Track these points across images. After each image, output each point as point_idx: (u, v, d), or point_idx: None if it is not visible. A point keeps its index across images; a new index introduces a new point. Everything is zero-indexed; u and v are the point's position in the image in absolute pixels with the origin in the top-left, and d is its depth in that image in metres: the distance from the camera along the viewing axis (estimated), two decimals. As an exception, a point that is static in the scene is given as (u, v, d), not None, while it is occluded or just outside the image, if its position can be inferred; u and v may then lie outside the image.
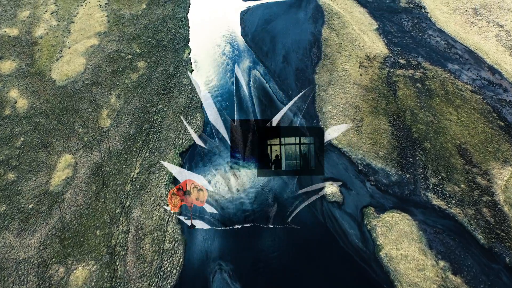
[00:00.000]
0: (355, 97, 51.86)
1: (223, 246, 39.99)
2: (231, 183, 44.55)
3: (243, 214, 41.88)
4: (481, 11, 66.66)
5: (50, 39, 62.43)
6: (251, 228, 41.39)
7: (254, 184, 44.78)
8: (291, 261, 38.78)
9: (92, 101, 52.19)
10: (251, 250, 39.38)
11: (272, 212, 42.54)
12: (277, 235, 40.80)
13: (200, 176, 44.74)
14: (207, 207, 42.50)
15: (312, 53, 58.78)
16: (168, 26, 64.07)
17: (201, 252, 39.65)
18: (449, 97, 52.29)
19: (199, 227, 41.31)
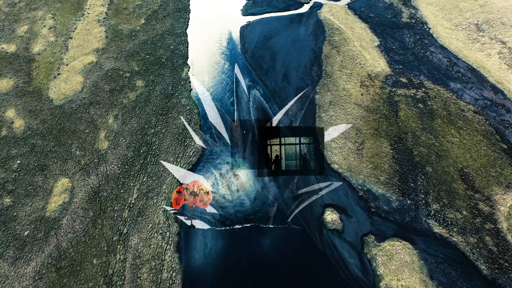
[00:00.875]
0: (356, 118, 51.81)
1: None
2: (231, 183, 44.94)
3: (243, 214, 42.25)
4: (484, 27, 66.65)
5: (47, 55, 62.48)
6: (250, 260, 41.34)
7: (254, 184, 45.22)
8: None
9: (90, 122, 52.16)
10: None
11: (272, 212, 42.78)
12: (276, 268, 40.73)
13: (200, 177, 45.13)
14: (208, 208, 42.90)
15: (312, 71, 58.77)
16: (167, 42, 64.09)
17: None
18: (451, 118, 52.20)
19: (199, 227, 41.59)
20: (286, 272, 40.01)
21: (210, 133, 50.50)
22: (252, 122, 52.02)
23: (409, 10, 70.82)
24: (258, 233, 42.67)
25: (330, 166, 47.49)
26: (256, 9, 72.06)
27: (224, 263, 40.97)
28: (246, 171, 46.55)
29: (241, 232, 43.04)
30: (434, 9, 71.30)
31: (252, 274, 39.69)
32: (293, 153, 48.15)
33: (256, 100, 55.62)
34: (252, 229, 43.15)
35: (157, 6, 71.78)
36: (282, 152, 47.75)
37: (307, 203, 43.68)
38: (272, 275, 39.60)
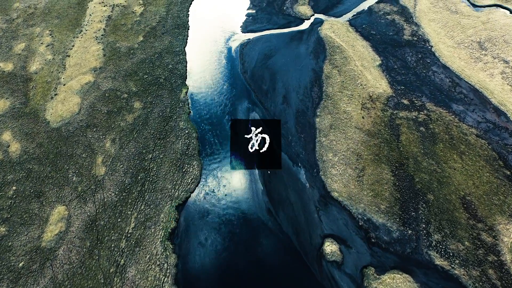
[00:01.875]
0: (356, 143, 51.86)
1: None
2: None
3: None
4: (486, 45, 66.75)
5: (45, 74, 62.71)
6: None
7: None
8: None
9: (87, 146, 52.31)
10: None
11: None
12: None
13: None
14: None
15: (313, 92, 58.91)
16: (165, 61, 64.28)
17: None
18: (454, 142, 52.23)
19: None
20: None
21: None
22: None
23: (411, 27, 70.90)
24: (258, 269, 42.67)
25: (330, 194, 47.38)
26: (256, 25, 72.23)
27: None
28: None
29: (239, 270, 43.14)
30: (436, 26, 71.40)
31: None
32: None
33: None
34: (250, 265, 43.19)
35: (155, 22, 71.99)
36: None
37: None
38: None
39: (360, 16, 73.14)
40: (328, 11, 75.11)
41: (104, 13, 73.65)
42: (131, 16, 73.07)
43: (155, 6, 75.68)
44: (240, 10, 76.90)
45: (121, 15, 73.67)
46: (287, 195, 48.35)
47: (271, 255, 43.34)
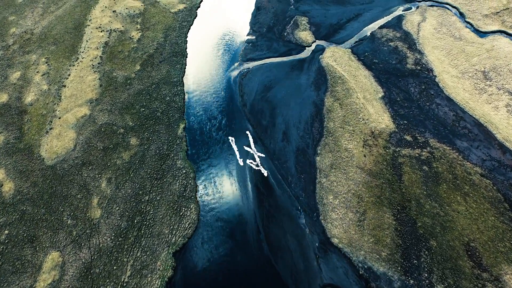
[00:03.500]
0: (358, 184, 52.03)
1: None
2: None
3: None
4: (491, 74, 66.98)
5: (40, 106, 63.12)
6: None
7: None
8: None
9: (82, 186, 52.59)
10: None
11: None
12: None
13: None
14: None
15: (314, 128, 59.16)
16: (163, 93, 64.66)
17: None
18: (457, 182, 52.35)
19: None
20: None
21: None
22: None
23: (415, 54, 71.23)
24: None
25: (330, 241, 47.54)
26: (256, 53, 72.60)
27: None
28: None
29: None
30: (440, 54, 71.68)
31: None
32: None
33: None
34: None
35: (153, 49, 72.46)
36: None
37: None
38: None
39: (363, 43, 73.48)
40: (330, 37, 75.43)
41: (101, 39, 74.11)
42: (129, 43, 73.53)
43: (153, 32, 76.16)
44: (240, 36, 77.24)
45: (118, 41, 74.12)
46: (286, 241, 48.50)
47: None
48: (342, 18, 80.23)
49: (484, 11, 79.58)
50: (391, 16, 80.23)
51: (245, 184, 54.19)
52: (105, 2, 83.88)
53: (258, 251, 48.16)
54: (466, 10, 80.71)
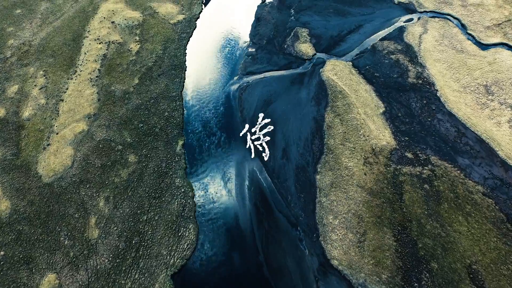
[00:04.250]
0: (358, 203, 52.11)
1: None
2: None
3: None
4: (493, 89, 67.06)
5: (37, 121, 63.29)
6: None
7: None
8: None
9: (80, 205, 52.71)
10: None
11: None
12: None
13: None
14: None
15: (314, 145, 59.27)
16: (161, 108, 64.81)
17: None
18: (459, 201, 52.40)
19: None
20: None
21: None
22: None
23: (416, 68, 71.34)
24: None
25: (329, 263, 47.57)
26: (256, 66, 72.74)
27: None
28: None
29: None
30: (442, 67, 71.80)
31: None
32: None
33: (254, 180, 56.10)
34: None
35: (151, 62, 72.64)
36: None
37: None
38: None
39: (364, 56, 73.62)
40: (331, 49, 75.60)
41: (100, 51, 74.34)
42: (127, 55, 73.73)
43: (152, 44, 76.38)
44: (239, 49, 77.43)
45: (116, 53, 74.34)
46: (285, 263, 48.57)
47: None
48: (343, 29, 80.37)
49: (486, 23, 79.76)
50: (393, 27, 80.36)
51: (244, 203, 54.31)
52: (104, 12, 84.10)
53: (258, 273, 48.21)
54: (468, 21, 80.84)
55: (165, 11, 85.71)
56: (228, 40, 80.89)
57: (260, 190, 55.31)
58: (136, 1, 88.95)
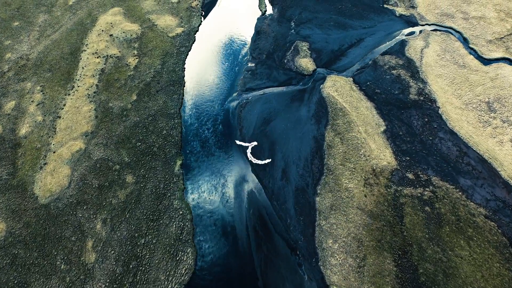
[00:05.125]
0: (358, 227, 52.14)
1: None
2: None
3: None
4: (495, 106, 67.10)
5: (34, 139, 63.40)
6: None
7: None
8: None
9: (77, 227, 52.77)
10: None
11: None
12: None
13: None
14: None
15: (314, 165, 59.31)
16: (159, 126, 64.91)
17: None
18: (460, 225, 52.39)
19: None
20: None
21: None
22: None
23: (417, 84, 71.45)
24: None
25: (329, 289, 47.59)
26: (256, 82, 72.86)
27: None
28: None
29: None
30: (444, 83, 71.89)
31: None
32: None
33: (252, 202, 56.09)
34: None
35: (150, 77, 72.78)
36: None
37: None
38: None
39: (365, 71, 73.77)
40: (331, 64, 75.74)
41: (97, 66, 74.52)
42: (125, 70, 73.90)
43: (150, 58, 76.57)
44: (239, 64, 77.54)
45: (114, 68, 74.51)
46: (284, 289, 48.55)
47: None
48: (344, 43, 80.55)
49: (488, 37, 79.93)
50: (394, 41, 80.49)
51: (243, 226, 54.39)
52: (102, 25, 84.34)
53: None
54: (470, 35, 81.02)
55: (164, 24, 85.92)
56: (228, 54, 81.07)
57: (259, 212, 55.37)
58: (134, 13, 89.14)
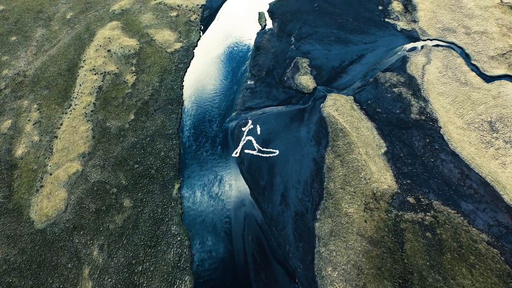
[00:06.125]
0: (358, 254, 52.28)
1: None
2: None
3: None
4: (498, 125, 67.30)
5: (31, 160, 63.68)
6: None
7: None
8: None
9: (73, 253, 52.96)
10: None
11: None
12: None
13: None
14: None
15: (313, 189, 59.50)
16: (157, 147, 65.20)
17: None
18: (462, 251, 52.50)
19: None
20: None
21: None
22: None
23: (419, 102, 71.73)
24: None
25: (329, 321, 47.65)
26: (255, 101, 73.15)
27: None
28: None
29: None
30: (445, 101, 72.19)
31: None
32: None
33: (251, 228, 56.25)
34: None
35: (148, 96, 73.15)
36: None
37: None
38: None
39: (366, 89, 74.08)
40: (332, 82, 76.07)
41: (95, 83, 74.91)
42: (123, 87, 74.27)
43: (148, 75, 76.96)
44: (238, 81, 77.86)
45: (112, 85, 74.90)
46: (283, 320, 48.65)
47: None
48: (345, 59, 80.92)
49: (490, 52, 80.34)
50: (395, 57, 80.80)
51: (241, 253, 54.52)
52: (100, 40, 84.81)
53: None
54: (471, 50, 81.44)
55: (162, 39, 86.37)
56: (227, 71, 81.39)
57: (257, 239, 55.55)
58: (133, 27, 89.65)
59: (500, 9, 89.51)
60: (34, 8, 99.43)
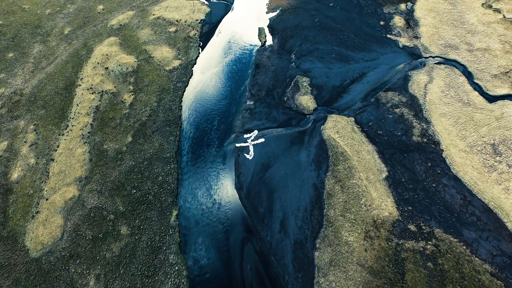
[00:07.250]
0: (358, 285, 52.49)
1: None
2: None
3: None
4: (501, 148, 67.36)
5: (27, 184, 63.90)
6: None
7: None
8: None
9: (69, 284, 53.18)
10: None
11: None
12: None
13: None
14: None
15: (313, 216, 59.63)
16: (155, 171, 65.38)
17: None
18: (465, 283, 52.53)
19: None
20: None
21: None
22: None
23: (421, 124, 71.85)
24: None
25: None
26: (254, 123, 73.36)
27: None
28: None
29: None
30: (448, 123, 72.28)
31: None
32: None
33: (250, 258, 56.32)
34: None
35: (146, 116, 73.42)
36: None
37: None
38: None
39: (367, 110, 74.18)
40: (332, 102, 76.30)
41: (92, 103, 75.24)
42: (120, 107, 74.58)
43: (146, 94, 77.25)
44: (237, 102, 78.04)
45: (109, 105, 75.21)
46: None
47: None
48: (346, 78, 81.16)
49: (493, 71, 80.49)
50: (397, 75, 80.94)
51: (240, 285, 54.55)
52: (98, 57, 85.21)
53: None
54: (474, 68, 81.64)
55: (161, 56, 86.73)
56: (226, 90, 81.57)
57: (256, 269, 55.60)
58: (131, 43, 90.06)
59: (503, 25, 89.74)
60: (32, 22, 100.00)
